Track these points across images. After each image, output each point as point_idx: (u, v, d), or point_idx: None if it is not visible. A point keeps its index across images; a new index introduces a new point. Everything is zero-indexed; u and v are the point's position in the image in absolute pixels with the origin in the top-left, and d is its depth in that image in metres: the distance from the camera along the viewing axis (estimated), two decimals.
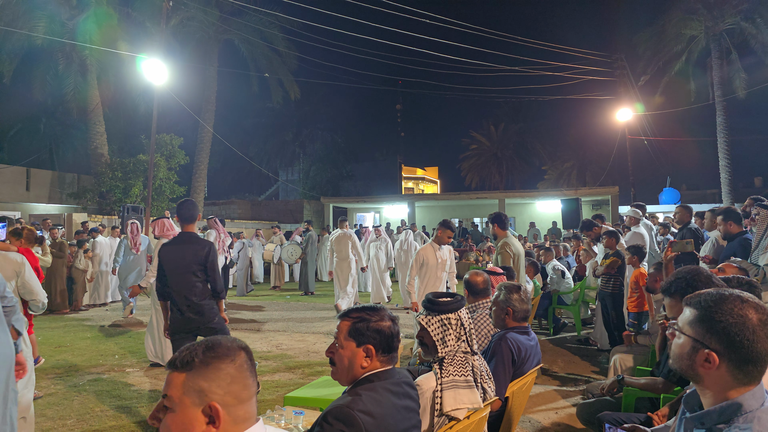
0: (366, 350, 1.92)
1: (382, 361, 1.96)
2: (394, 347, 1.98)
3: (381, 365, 1.96)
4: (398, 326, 2.03)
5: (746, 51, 20.22)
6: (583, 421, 3.60)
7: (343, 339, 1.96)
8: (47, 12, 16.92)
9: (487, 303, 3.82)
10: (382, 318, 1.98)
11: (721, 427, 1.37)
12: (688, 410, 1.57)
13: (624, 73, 22.14)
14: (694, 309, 1.44)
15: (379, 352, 1.94)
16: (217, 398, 1.24)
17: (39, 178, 21.35)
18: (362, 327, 1.94)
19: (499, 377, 2.98)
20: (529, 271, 7.56)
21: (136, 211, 14.63)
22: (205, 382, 1.24)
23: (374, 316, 1.97)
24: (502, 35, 21.26)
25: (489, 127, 39.86)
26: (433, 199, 29.10)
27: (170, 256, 4.26)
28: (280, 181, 37.17)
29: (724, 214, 5.09)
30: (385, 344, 1.95)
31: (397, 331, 2.01)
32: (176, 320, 4.24)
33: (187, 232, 4.37)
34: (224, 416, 1.24)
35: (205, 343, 1.31)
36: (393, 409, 1.90)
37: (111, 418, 4.57)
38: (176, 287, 4.22)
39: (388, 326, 1.97)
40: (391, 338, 1.97)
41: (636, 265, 6.11)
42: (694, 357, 1.40)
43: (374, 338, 1.93)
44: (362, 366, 1.93)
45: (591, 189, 24.02)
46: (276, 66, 23.24)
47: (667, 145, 27.96)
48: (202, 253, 4.26)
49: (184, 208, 4.38)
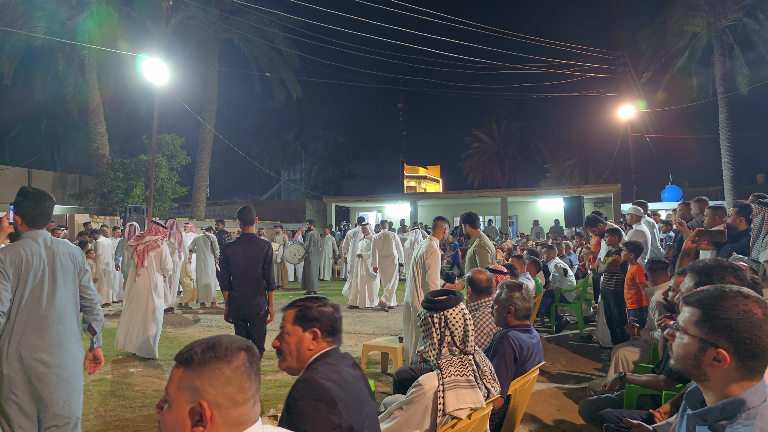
0: (312, 333, 2.06)
1: (328, 342, 2.09)
2: (337, 329, 2.13)
3: (327, 345, 2.09)
4: (340, 313, 2.19)
5: (749, 47, 20.13)
6: (585, 418, 3.60)
7: (289, 326, 2.09)
8: (47, 12, 16.92)
9: (489, 301, 3.82)
10: (324, 304, 2.14)
11: (724, 423, 1.37)
12: (689, 407, 1.56)
13: (626, 70, 22.08)
14: (696, 308, 1.42)
15: (324, 334, 2.08)
16: (209, 398, 1.22)
17: (40, 179, 21.42)
18: (307, 313, 2.08)
19: (501, 375, 2.98)
20: (531, 269, 7.56)
21: (138, 212, 14.64)
22: (199, 380, 1.23)
23: (317, 303, 2.13)
24: (504, 33, 21.18)
25: (491, 125, 39.83)
26: (435, 197, 29.08)
27: (238, 253, 4.94)
28: (282, 180, 37.18)
29: (740, 208, 5.00)
30: (329, 327, 2.09)
31: (339, 317, 2.16)
32: (236, 309, 4.93)
33: (249, 234, 5.08)
34: (215, 417, 1.22)
35: (207, 341, 1.30)
36: (350, 375, 2.05)
37: (115, 419, 4.57)
38: (241, 281, 4.91)
39: (330, 311, 2.12)
40: (334, 321, 2.12)
41: (633, 261, 6.09)
42: (701, 356, 1.39)
43: (319, 321, 2.07)
44: (309, 348, 2.05)
45: (593, 187, 23.98)
46: (277, 65, 23.23)
47: (670, 143, 27.91)
48: (263, 251, 5.01)
49: (245, 213, 5.09)
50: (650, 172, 30.58)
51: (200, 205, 22.36)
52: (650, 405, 3.28)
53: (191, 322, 9.31)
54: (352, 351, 6.96)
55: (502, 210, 23.43)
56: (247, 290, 4.91)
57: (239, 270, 4.93)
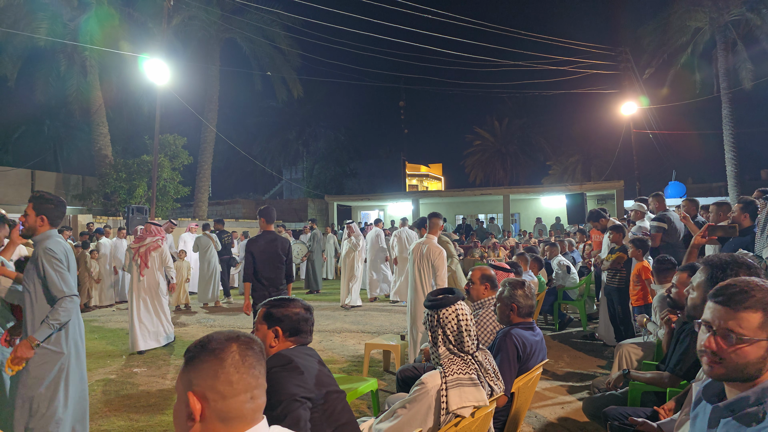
0: (274, 331, 2.23)
1: (291, 341, 2.25)
2: (302, 330, 2.27)
3: (291, 344, 2.25)
4: (311, 315, 2.33)
5: (752, 42, 20.02)
6: (589, 415, 3.59)
7: (258, 322, 2.28)
8: (49, 13, 16.92)
9: (492, 299, 3.80)
10: (294, 306, 2.28)
11: (754, 409, 1.37)
12: (707, 400, 1.55)
13: (628, 66, 22.00)
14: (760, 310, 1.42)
15: (286, 334, 2.23)
16: (197, 390, 1.24)
17: (44, 180, 21.47)
18: (273, 312, 2.25)
19: (505, 373, 2.97)
20: (533, 266, 7.55)
21: (141, 212, 14.67)
22: (192, 374, 1.26)
23: (286, 304, 2.28)
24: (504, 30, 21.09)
25: (493, 123, 39.74)
26: (437, 195, 29.07)
27: (262, 248, 5.54)
28: (284, 180, 37.20)
29: (744, 205, 4.99)
30: (291, 327, 2.24)
31: (306, 318, 2.29)
32: (262, 297, 5.39)
33: (270, 231, 5.70)
34: (204, 411, 1.23)
35: (202, 339, 1.32)
36: (312, 361, 2.21)
37: (120, 419, 4.58)
38: (267, 272, 5.53)
39: (296, 312, 2.26)
40: (298, 323, 2.25)
41: (639, 258, 6.07)
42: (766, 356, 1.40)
43: (282, 322, 2.23)
44: (270, 345, 2.23)
45: (596, 184, 23.92)
46: (278, 64, 23.22)
47: (673, 139, 27.83)
48: (285, 246, 5.71)
49: (266, 212, 5.72)
50: (653, 169, 30.51)
51: (203, 205, 22.39)
52: (654, 402, 3.27)
53: (195, 322, 9.33)
54: (354, 350, 6.96)
55: (505, 208, 23.41)
56: (274, 278, 5.55)
57: (264, 262, 5.52)
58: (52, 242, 3.34)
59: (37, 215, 3.35)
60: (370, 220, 27.18)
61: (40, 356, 3.25)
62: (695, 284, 2.09)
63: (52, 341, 3.29)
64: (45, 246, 3.30)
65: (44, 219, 3.38)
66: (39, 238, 3.37)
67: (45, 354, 3.27)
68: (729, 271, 1.95)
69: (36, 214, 3.35)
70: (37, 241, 3.37)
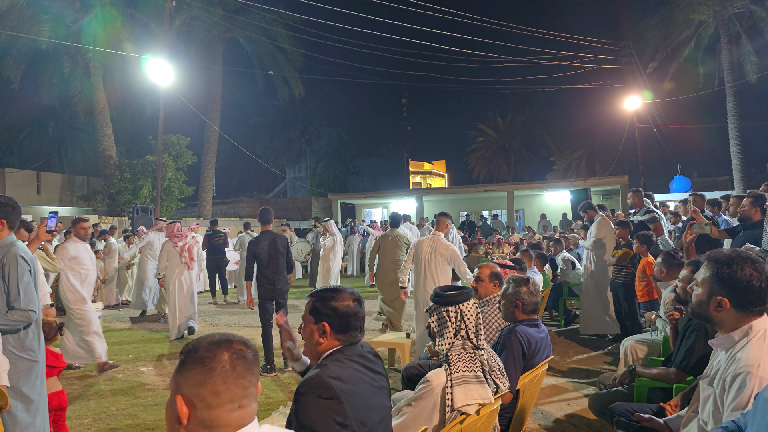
0: (321, 327, 2.00)
1: (340, 339, 2.01)
2: (351, 326, 2.03)
3: (339, 343, 2.01)
4: (362, 307, 2.08)
5: (756, 35, 19.89)
6: (595, 411, 3.58)
7: (306, 315, 2.06)
8: (52, 15, 16.98)
9: (497, 296, 3.80)
10: (342, 298, 2.03)
11: None
12: None
13: (632, 60, 21.88)
14: None
15: (334, 330, 2.00)
16: (185, 395, 1.24)
17: (49, 182, 21.56)
18: (319, 306, 2.02)
19: (510, 370, 2.97)
20: (537, 263, 7.55)
21: (146, 212, 14.71)
22: (180, 379, 1.26)
23: (334, 296, 2.04)
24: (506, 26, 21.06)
25: (496, 119, 39.66)
26: (441, 193, 29.02)
27: (264, 246, 6.10)
28: (288, 178, 37.21)
29: (755, 198, 4.98)
30: (339, 323, 2.00)
31: (356, 311, 2.04)
32: (266, 291, 6.09)
33: (268, 230, 6.24)
34: (190, 416, 1.23)
35: (194, 342, 1.31)
36: (359, 373, 1.98)
37: (127, 417, 4.61)
38: (270, 268, 6.08)
39: (345, 305, 2.02)
40: (347, 317, 2.01)
41: (644, 253, 6.05)
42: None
43: (329, 316, 2.00)
44: (319, 342, 2.00)
45: (600, 179, 23.83)
46: (281, 63, 23.23)
47: (677, 133, 27.69)
48: (284, 243, 6.26)
49: (260, 214, 6.29)
50: (658, 163, 30.35)
51: (207, 204, 22.44)
52: (661, 398, 3.26)
53: (201, 321, 9.34)
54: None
55: (509, 204, 23.36)
56: (276, 269, 6.10)
57: (266, 258, 6.07)
58: (22, 248, 3.19)
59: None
60: (374, 218, 27.19)
61: (13, 365, 3.07)
62: (699, 280, 2.06)
63: (26, 348, 3.16)
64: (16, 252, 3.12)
65: (4, 223, 3.18)
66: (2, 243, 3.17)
67: (18, 362, 3.13)
68: (734, 266, 1.93)
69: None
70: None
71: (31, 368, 3.19)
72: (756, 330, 1.92)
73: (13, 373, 3.02)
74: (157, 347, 7.32)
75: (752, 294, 1.91)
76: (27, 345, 3.17)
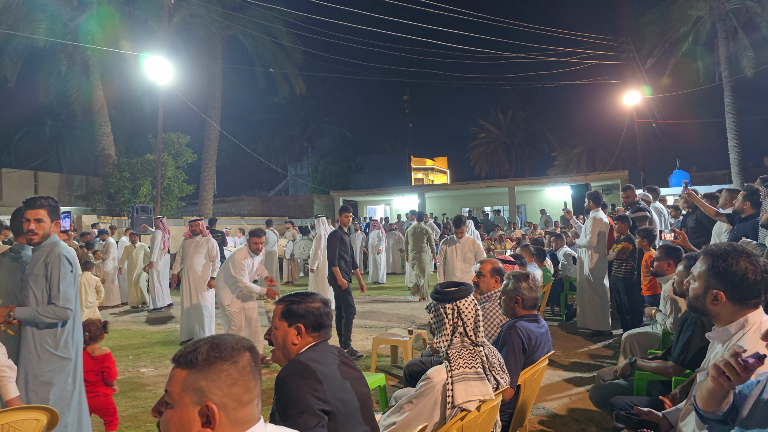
0: (296, 329, 2.12)
1: (314, 337, 2.15)
2: (324, 324, 2.18)
3: (313, 340, 2.15)
4: (329, 308, 2.23)
5: (753, 30, 19.89)
6: (595, 403, 3.59)
7: (277, 321, 2.17)
8: (49, 13, 16.87)
9: (497, 292, 3.80)
10: (313, 300, 2.18)
11: None
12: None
13: (630, 56, 21.88)
14: None
15: (309, 330, 2.13)
16: (216, 399, 1.22)
17: (47, 181, 21.49)
18: (293, 308, 2.14)
19: (511, 366, 2.97)
20: (537, 259, 7.55)
21: (146, 211, 14.69)
22: (205, 381, 1.23)
23: (305, 299, 2.17)
24: (507, 22, 20.99)
25: (497, 115, 39.67)
26: (443, 189, 29.02)
27: (341, 240, 6.92)
28: (289, 176, 37.16)
29: (748, 192, 4.99)
30: (314, 323, 2.14)
31: (327, 311, 2.19)
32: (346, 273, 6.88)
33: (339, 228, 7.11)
34: (222, 418, 1.22)
35: (211, 340, 1.28)
36: (335, 361, 2.13)
37: (127, 419, 4.60)
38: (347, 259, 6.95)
39: (316, 306, 2.16)
40: (320, 317, 2.16)
41: (646, 248, 6.06)
42: None
43: (304, 317, 2.13)
44: (294, 343, 2.12)
45: (601, 174, 23.83)
46: (281, 61, 23.16)
47: (676, 128, 27.65)
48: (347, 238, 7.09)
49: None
50: (657, 158, 30.35)
51: (208, 203, 22.41)
52: (661, 391, 3.27)
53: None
54: (363, 345, 6.98)
55: (510, 199, 23.38)
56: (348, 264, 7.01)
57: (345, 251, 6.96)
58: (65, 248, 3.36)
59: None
60: (376, 215, 27.19)
61: (47, 362, 3.23)
62: (696, 274, 2.07)
63: (60, 347, 3.29)
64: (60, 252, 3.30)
65: (58, 224, 3.39)
66: None
67: (53, 360, 3.25)
68: (730, 259, 1.94)
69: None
70: None
71: (65, 366, 3.33)
72: (752, 323, 1.94)
73: (46, 369, 3.23)
74: (158, 348, 7.33)
75: (748, 287, 1.93)
76: (62, 344, 3.32)
